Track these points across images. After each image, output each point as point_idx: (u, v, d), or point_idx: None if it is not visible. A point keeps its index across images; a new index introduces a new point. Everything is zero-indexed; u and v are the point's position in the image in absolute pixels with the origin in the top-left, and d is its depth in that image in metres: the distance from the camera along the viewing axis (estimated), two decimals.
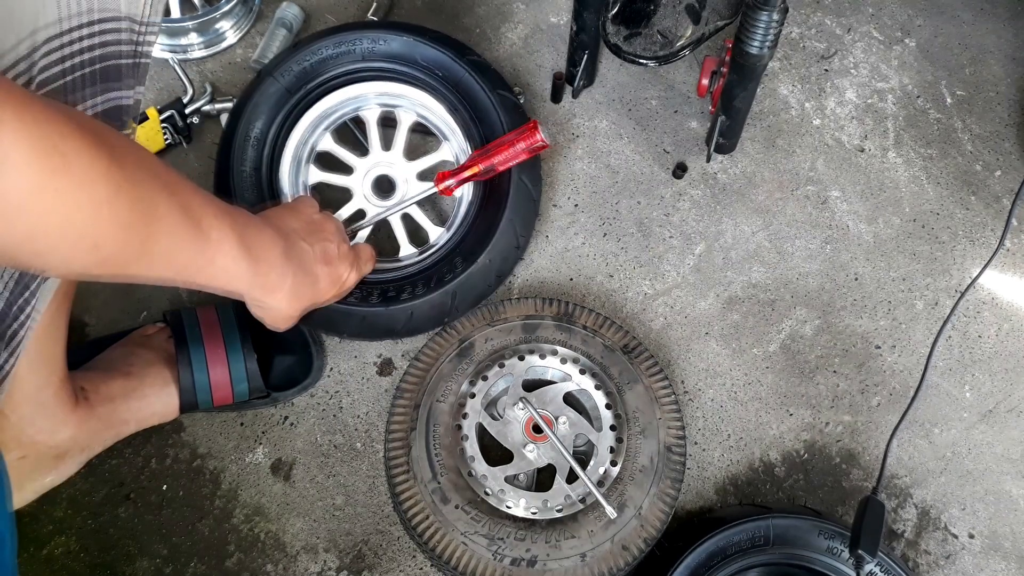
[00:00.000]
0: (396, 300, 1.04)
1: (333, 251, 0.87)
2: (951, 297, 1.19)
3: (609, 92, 1.31)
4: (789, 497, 1.07)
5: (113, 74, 0.63)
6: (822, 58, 1.36)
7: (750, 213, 1.23)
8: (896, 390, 1.13)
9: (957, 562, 1.04)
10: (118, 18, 0.61)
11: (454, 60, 1.11)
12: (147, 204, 0.54)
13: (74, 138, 0.48)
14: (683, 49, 1.09)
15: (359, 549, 1.02)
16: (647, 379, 1.05)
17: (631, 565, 0.94)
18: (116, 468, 1.04)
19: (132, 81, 0.66)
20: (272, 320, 0.85)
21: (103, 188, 0.50)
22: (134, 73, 0.66)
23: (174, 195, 0.58)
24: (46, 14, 0.55)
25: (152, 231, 0.55)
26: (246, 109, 1.10)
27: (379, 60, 1.12)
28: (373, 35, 1.12)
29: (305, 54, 1.12)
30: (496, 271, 1.09)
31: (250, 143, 1.09)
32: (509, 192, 1.07)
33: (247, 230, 0.69)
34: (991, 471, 1.09)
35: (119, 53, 0.63)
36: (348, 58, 1.12)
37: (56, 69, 0.57)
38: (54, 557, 1.00)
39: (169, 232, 0.58)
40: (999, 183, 1.27)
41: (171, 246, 0.59)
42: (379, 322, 1.06)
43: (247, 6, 1.34)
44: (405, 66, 1.12)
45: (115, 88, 0.64)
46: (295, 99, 1.11)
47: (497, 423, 1.03)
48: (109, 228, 0.52)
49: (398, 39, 1.12)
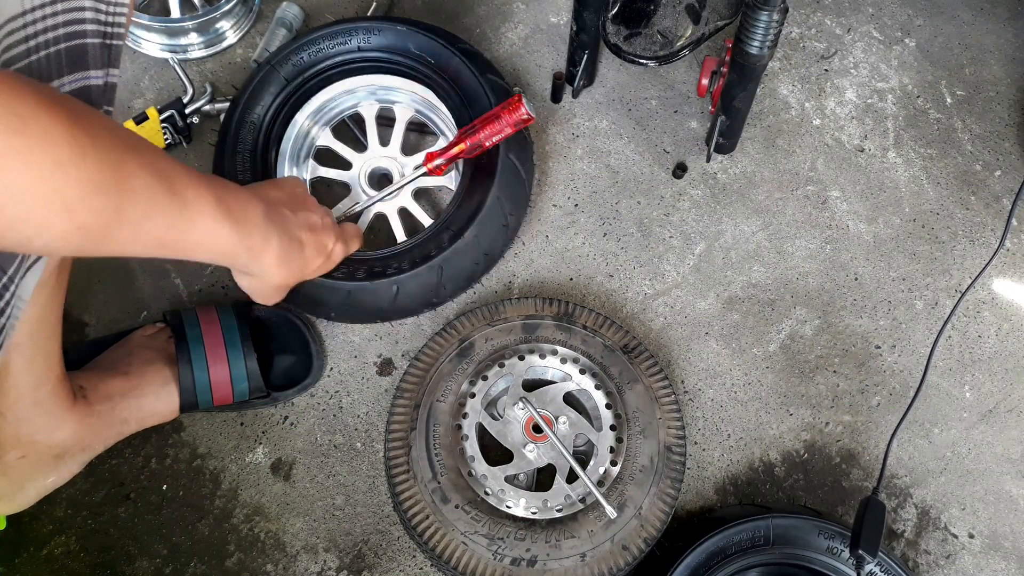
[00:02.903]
0: (382, 275, 1.04)
1: (316, 221, 0.85)
2: (951, 297, 1.19)
3: (609, 92, 1.31)
4: (789, 497, 1.07)
5: (79, 55, 0.63)
6: (822, 58, 1.36)
7: (750, 213, 1.23)
8: (896, 390, 1.13)
9: (957, 562, 1.04)
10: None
11: (444, 46, 1.14)
12: (115, 165, 0.53)
13: (30, 100, 0.47)
14: (683, 49, 1.09)
15: (359, 549, 1.02)
16: (647, 379, 1.05)
17: (631, 565, 0.94)
18: (116, 468, 1.04)
19: (102, 62, 0.66)
20: (261, 290, 0.84)
21: (66, 149, 0.49)
22: (105, 54, 0.66)
23: (143, 156, 0.57)
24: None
25: (125, 192, 0.54)
26: (244, 96, 1.14)
27: (374, 51, 1.16)
28: (368, 26, 1.16)
29: (303, 44, 1.16)
30: (484, 249, 1.08)
31: (247, 128, 1.13)
32: (496, 169, 1.07)
33: (224, 193, 0.68)
34: (991, 471, 1.09)
35: (84, 32, 0.63)
36: (344, 49, 1.16)
37: (20, 49, 0.57)
38: (54, 557, 1.00)
39: (144, 194, 0.56)
40: (999, 183, 1.27)
41: (148, 209, 0.57)
42: (365, 298, 1.05)
43: (247, 6, 1.34)
44: (399, 55, 1.16)
45: (82, 68, 0.64)
46: (291, 87, 1.16)
47: (497, 423, 1.03)
48: (79, 189, 0.50)
49: (392, 29, 1.16)
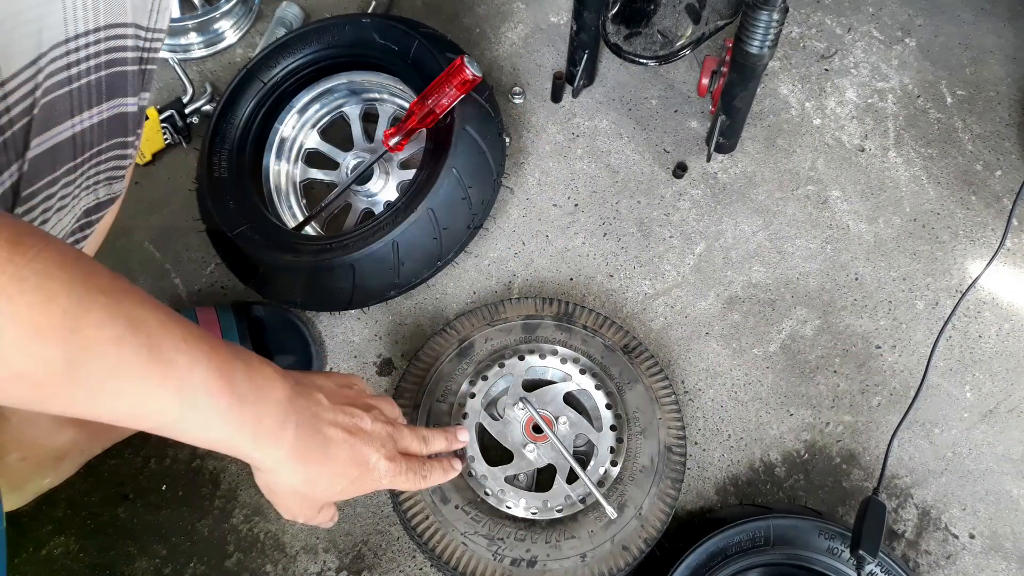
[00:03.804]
0: (337, 250, 1.04)
1: (363, 425, 0.67)
2: (951, 297, 1.18)
3: (609, 92, 1.31)
4: (789, 497, 1.07)
5: (119, 82, 0.62)
6: (822, 58, 1.36)
7: (750, 213, 1.23)
8: (896, 390, 1.12)
9: (958, 562, 1.04)
10: (124, 24, 0.60)
11: (405, 31, 1.14)
12: (69, 307, 0.42)
13: None
14: (683, 49, 1.09)
15: (359, 549, 1.02)
16: (647, 379, 1.04)
17: (631, 565, 0.94)
18: (116, 468, 1.04)
19: (137, 88, 0.65)
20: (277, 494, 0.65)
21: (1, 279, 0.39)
22: (139, 80, 0.65)
23: (116, 303, 0.45)
24: (53, 21, 0.54)
25: (81, 344, 0.42)
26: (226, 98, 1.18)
27: (343, 47, 1.18)
28: (336, 24, 1.19)
29: (278, 47, 1.19)
30: (442, 223, 1.06)
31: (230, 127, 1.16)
32: (451, 142, 1.06)
33: (232, 362, 0.53)
34: (992, 471, 1.09)
35: (125, 60, 0.62)
36: (314, 48, 1.18)
37: (62, 76, 0.57)
38: (53, 557, 1.00)
39: (108, 349, 0.44)
40: (999, 183, 1.27)
41: (115, 369, 0.45)
42: (324, 279, 1.05)
43: (247, 6, 1.34)
44: (367, 48, 1.17)
45: (120, 95, 0.63)
46: (268, 87, 1.18)
47: (497, 423, 1.03)
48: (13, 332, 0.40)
49: (354, 24, 1.17)
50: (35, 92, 0.55)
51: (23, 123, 0.55)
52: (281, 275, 1.06)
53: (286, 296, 1.09)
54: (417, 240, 1.05)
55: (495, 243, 1.20)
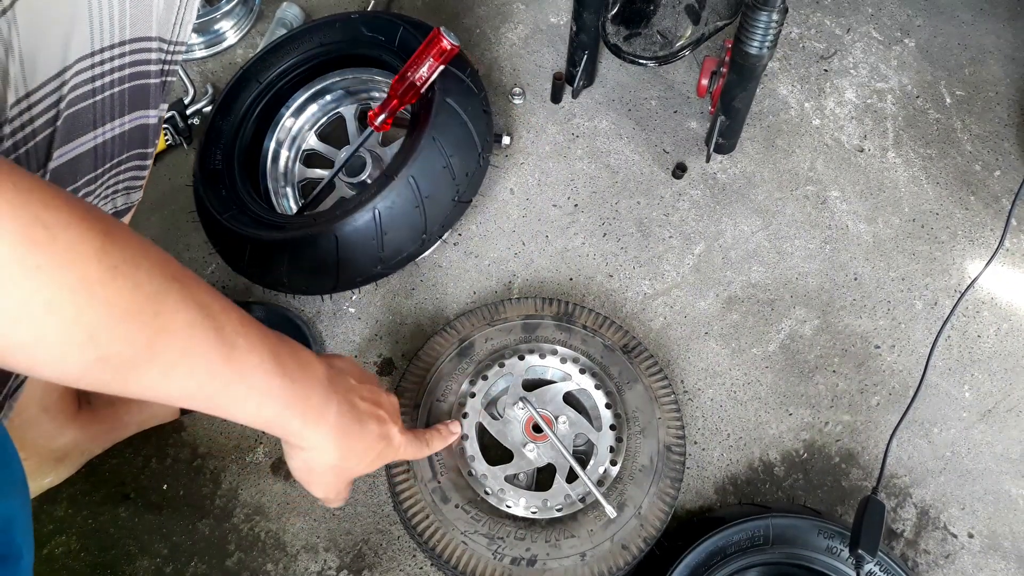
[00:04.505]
0: (321, 224, 1.04)
1: (384, 401, 0.73)
2: (950, 297, 1.19)
3: (609, 92, 1.31)
4: (789, 497, 1.07)
5: (141, 95, 0.63)
6: (822, 58, 1.36)
7: (750, 213, 1.23)
8: (895, 390, 1.13)
9: (956, 562, 1.04)
10: (149, 38, 0.61)
11: (390, 20, 1.17)
12: (152, 292, 0.45)
13: (60, 209, 0.40)
14: (683, 49, 1.10)
15: (359, 548, 1.02)
16: (647, 379, 1.05)
17: (631, 564, 0.94)
18: (116, 468, 1.05)
19: (158, 100, 0.66)
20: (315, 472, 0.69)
21: (95, 267, 0.42)
22: (160, 92, 0.66)
23: (189, 289, 0.48)
24: (79, 34, 0.55)
25: (162, 326, 0.46)
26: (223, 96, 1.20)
27: (334, 44, 1.20)
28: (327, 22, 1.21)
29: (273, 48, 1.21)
30: (424, 192, 1.05)
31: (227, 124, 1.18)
32: (431, 112, 1.07)
33: (280, 346, 0.58)
34: (990, 471, 1.09)
35: (148, 73, 0.62)
36: (306, 47, 1.21)
37: (86, 88, 0.57)
38: (54, 556, 1.00)
39: (184, 332, 0.48)
40: (998, 183, 1.27)
41: (187, 349, 0.48)
42: (307, 253, 1.05)
43: (247, 6, 1.34)
44: (355, 43, 1.19)
45: (142, 107, 0.64)
46: (264, 86, 1.20)
47: (497, 423, 1.03)
48: (106, 315, 0.43)
49: (344, 21, 1.20)
50: (59, 104, 0.56)
51: (46, 134, 0.56)
52: (267, 255, 1.07)
53: (273, 278, 1.09)
54: (399, 209, 1.04)
55: (495, 243, 1.21)
